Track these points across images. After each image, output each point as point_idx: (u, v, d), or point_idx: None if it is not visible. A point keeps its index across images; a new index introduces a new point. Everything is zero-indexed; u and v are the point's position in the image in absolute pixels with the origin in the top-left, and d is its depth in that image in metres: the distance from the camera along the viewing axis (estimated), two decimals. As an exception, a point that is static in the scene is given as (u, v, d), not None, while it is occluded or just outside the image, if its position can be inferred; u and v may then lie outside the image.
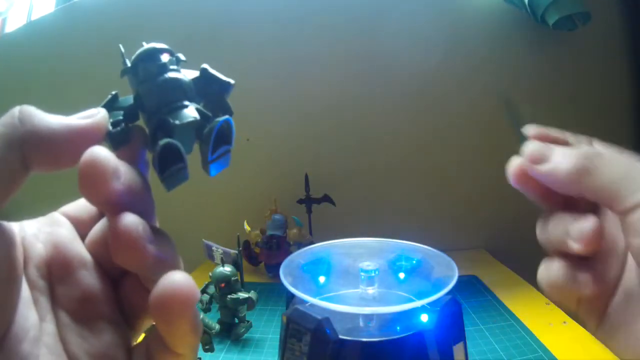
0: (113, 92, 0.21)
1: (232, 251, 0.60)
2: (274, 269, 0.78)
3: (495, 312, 0.63)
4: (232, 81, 0.22)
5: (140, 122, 0.21)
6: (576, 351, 0.53)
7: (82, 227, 0.21)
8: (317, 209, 0.84)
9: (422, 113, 0.90)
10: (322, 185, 0.85)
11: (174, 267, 0.19)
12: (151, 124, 0.20)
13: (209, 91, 0.22)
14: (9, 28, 0.95)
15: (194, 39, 0.83)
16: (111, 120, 0.20)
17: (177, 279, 0.17)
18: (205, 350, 0.51)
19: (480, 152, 0.92)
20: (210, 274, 0.58)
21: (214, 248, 0.61)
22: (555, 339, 0.55)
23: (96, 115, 0.19)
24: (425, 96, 0.90)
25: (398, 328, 0.40)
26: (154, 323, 0.18)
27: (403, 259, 0.48)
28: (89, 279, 0.19)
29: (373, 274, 0.43)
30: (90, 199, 0.18)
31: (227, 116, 0.21)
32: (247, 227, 0.79)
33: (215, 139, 0.20)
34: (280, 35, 0.88)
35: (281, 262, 0.45)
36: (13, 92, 0.88)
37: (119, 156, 0.18)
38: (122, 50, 0.22)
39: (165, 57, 0.21)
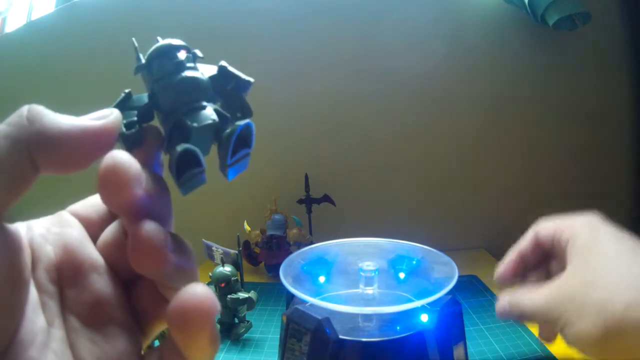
0: (126, 91, 0.20)
1: (232, 251, 0.60)
2: (274, 269, 0.78)
3: (495, 312, 0.63)
4: (251, 79, 0.21)
5: (155, 121, 0.20)
6: (576, 351, 0.53)
7: (92, 227, 0.20)
8: (317, 209, 0.84)
9: (422, 113, 0.90)
10: (322, 185, 0.85)
11: (193, 274, 0.18)
12: (167, 124, 0.20)
13: (227, 89, 0.21)
14: (9, 28, 0.95)
15: (194, 38, 0.82)
16: (124, 121, 0.19)
17: (198, 292, 0.16)
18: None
19: (480, 151, 0.92)
20: (210, 274, 0.58)
21: (214, 248, 0.61)
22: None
23: (109, 116, 0.18)
24: (426, 96, 0.90)
25: (398, 328, 0.40)
26: (171, 333, 0.17)
27: (403, 259, 0.48)
28: (101, 283, 0.19)
29: (373, 274, 0.43)
30: (110, 205, 0.18)
31: (247, 120, 0.20)
32: (247, 227, 0.79)
33: (235, 143, 0.20)
34: (280, 35, 0.88)
35: (281, 262, 0.45)
36: (13, 91, 0.88)
37: (137, 159, 0.18)
38: (136, 44, 0.21)
39: (182, 55, 0.20)
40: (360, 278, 0.44)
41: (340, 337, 0.37)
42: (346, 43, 0.89)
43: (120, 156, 0.17)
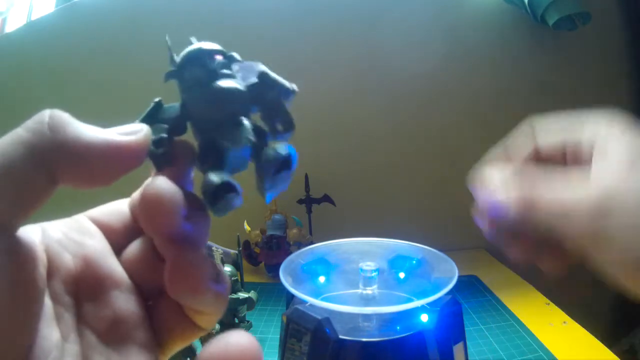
0: (156, 99, 0.18)
1: (232, 251, 0.60)
2: (274, 269, 0.78)
3: (495, 312, 0.63)
4: (295, 87, 0.20)
5: (189, 132, 0.19)
6: (576, 351, 0.53)
7: (113, 235, 0.19)
8: (317, 209, 0.84)
9: (422, 113, 0.90)
10: (322, 185, 0.85)
11: (226, 300, 0.18)
12: (199, 140, 0.18)
13: (266, 98, 0.19)
14: (9, 28, 0.95)
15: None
16: (153, 137, 0.17)
17: (243, 342, 0.16)
18: (205, 350, 0.51)
19: (480, 151, 0.92)
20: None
21: (214, 248, 0.61)
22: (555, 339, 0.55)
23: (139, 133, 0.17)
24: (425, 96, 0.90)
25: (398, 328, 0.40)
26: None
27: (403, 259, 0.48)
28: (122, 300, 0.18)
29: (373, 274, 0.43)
30: (151, 234, 0.17)
31: (288, 146, 0.18)
32: (247, 227, 0.79)
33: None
34: (280, 35, 0.88)
35: (281, 262, 0.45)
36: (13, 91, 0.88)
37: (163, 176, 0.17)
38: (169, 43, 0.19)
39: (215, 60, 0.18)
40: (360, 278, 0.44)
41: (340, 337, 0.37)
42: (346, 43, 0.89)
43: (163, 186, 0.16)
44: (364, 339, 0.38)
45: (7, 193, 0.14)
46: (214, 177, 0.17)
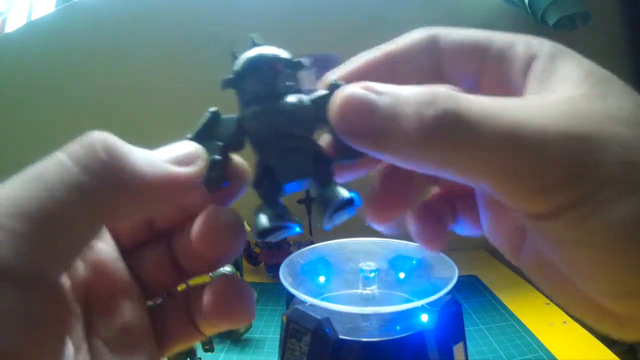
0: (212, 109, 0.16)
1: (232, 251, 0.60)
2: (274, 269, 0.78)
3: (495, 312, 0.63)
4: None
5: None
6: (576, 351, 0.53)
7: (121, 235, 0.18)
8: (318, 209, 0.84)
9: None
10: (322, 185, 0.85)
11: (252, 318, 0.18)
12: (256, 159, 0.16)
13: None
14: (9, 28, 0.95)
15: (194, 38, 0.83)
16: (208, 157, 0.15)
17: None
18: (205, 351, 0.51)
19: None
20: (211, 274, 0.58)
21: (214, 248, 0.61)
22: (555, 339, 0.55)
23: (196, 163, 0.15)
24: (425, 96, 0.90)
25: (398, 328, 0.40)
26: None
27: (403, 259, 0.48)
28: (131, 309, 0.17)
29: (373, 274, 0.43)
30: (205, 256, 0.17)
31: (353, 192, 0.17)
32: (247, 227, 0.79)
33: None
34: (280, 36, 0.88)
35: (281, 262, 0.45)
36: (13, 91, 0.88)
37: (214, 199, 0.17)
38: (233, 48, 0.17)
39: (278, 72, 0.16)
40: (360, 278, 0.44)
41: (340, 337, 0.37)
42: (345, 43, 0.88)
43: (228, 215, 0.17)
44: (364, 339, 0.38)
45: (53, 244, 0.12)
46: (264, 221, 0.16)
